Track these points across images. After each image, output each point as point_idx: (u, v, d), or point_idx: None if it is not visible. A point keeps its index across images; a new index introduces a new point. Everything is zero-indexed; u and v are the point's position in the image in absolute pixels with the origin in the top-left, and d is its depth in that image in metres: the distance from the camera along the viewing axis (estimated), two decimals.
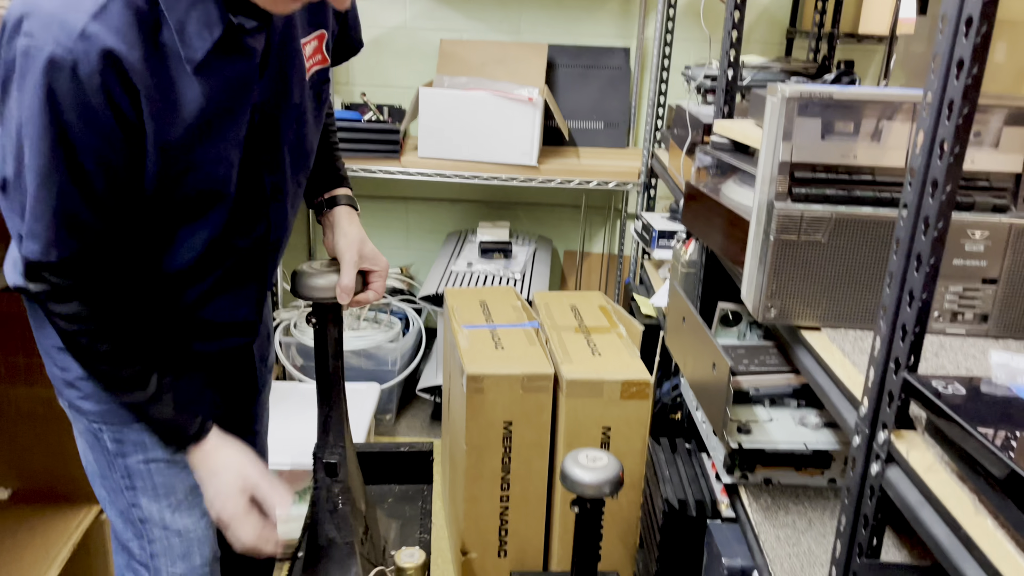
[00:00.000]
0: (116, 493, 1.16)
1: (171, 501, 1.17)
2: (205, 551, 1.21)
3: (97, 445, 1.14)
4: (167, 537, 1.18)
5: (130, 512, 1.16)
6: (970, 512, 0.75)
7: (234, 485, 1.11)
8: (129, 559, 1.20)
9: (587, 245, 3.21)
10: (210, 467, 1.12)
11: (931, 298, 0.82)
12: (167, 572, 1.19)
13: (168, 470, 1.16)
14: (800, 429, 1.40)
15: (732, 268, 1.49)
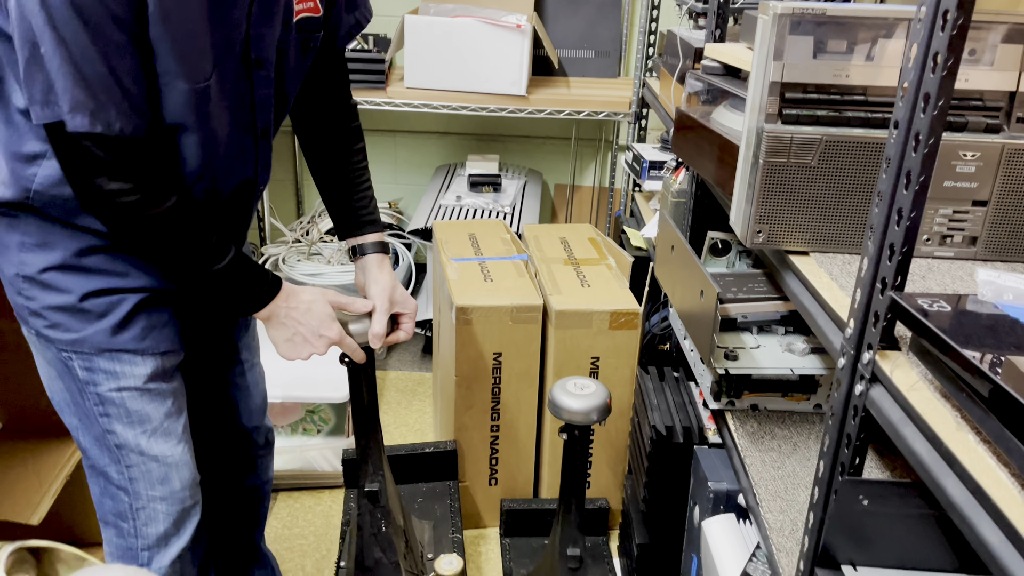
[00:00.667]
0: (90, 420, 1.15)
1: (146, 428, 1.17)
2: (184, 475, 1.21)
3: (67, 374, 1.13)
4: (144, 462, 1.18)
5: (105, 439, 1.16)
6: (951, 428, 0.75)
7: (328, 313, 1.19)
8: (107, 484, 1.19)
9: (577, 178, 3.17)
10: (301, 304, 1.17)
11: (920, 216, 0.81)
12: (147, 496, 1.19)
13: (141, 398, 1.15)
14: (787, 355, 1.40)
15: (722, 196, 1.47)
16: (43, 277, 1.07)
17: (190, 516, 1.25)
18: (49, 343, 1.12)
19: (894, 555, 0.93)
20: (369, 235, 1.38)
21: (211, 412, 1.41)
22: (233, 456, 1.46)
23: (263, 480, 1.52)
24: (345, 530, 1.75)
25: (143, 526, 1.21)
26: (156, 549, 1.23)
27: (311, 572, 1.88)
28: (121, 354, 1.12)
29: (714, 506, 1.39)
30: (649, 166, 2.36)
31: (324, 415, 2.17)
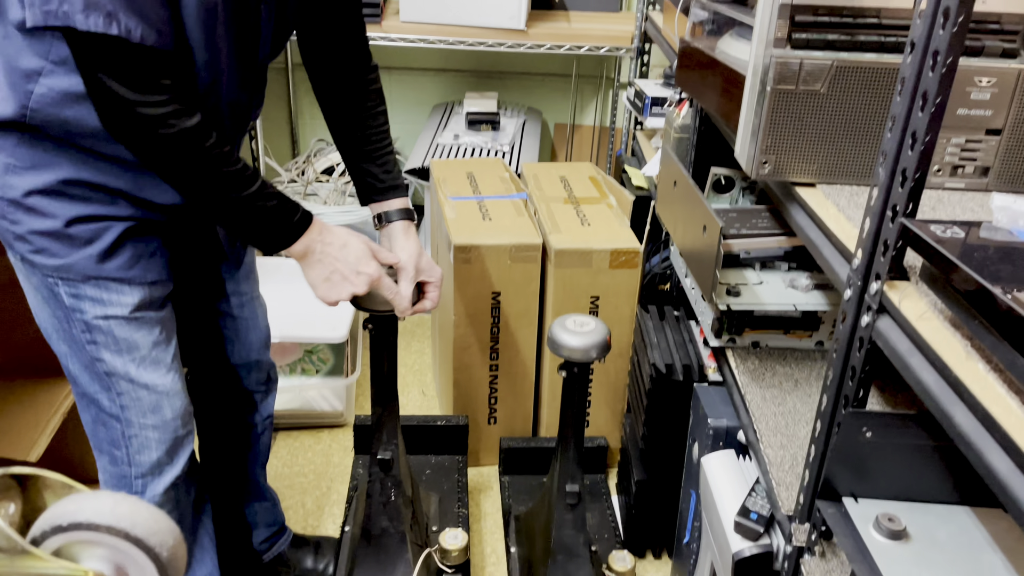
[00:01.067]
0: (78, 347, 1.14)
1: (134, 356, 1.15)
2: (176, 404, 1.21)
3: (53, 300, 1.11)
4: (135, 390, 1.17)
5: (94, 366, 1.15)
6: (961, 357, 0.73)
7: (365, 249, 1.16)
8: (98, 412, 1.19)
9: (578, 117, 3.11)
10: (337, 239, 1.14)
11: (935, 140, 0.78)
12: (139, 424, 1.18)
13: (128, 326, 1.13)
14: (790, 291, 1.38)
15: (727, 130, 1.43)
16: (28, 201, 1.05)
17: (183, 445, 1.25)
18: (34, 268, 1.10)
19: (895, 487, 0.93)
20: (394, 201, 1.36)
21: (206, 345, 1.39)
22: (231, 390, 1.45)
23: (263, 416, 1.51)
24: (352, 495, 1.76)
25: (136, 454, 1.20)
26: (150, 477, 1.22)
27: (311, 509, 1.90)
28: (108, 282, 1.10)
29: (713, 442, 1.39)
30: (652, 103, 2.30)
31: (323, 355, 2.17)
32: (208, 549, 1.39)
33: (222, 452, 1.51)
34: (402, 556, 1.44)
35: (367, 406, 2.25)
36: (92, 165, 1.06)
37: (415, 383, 2.38)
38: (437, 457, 1.92)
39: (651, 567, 1.77)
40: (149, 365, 1.16)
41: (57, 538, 0.56)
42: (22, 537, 0.56)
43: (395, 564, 1.44)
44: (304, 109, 3.14)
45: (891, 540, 0.86)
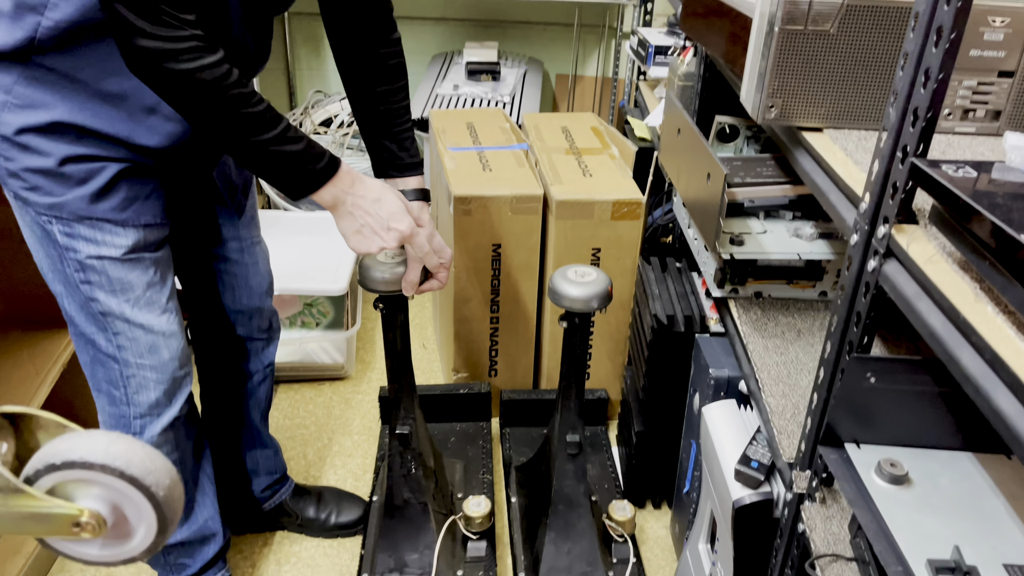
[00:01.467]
0: (72, 287, 1.13)
1: (129, 297, 1.14)
2: (173, 345, 1.20)
3: (47, 239, 1.10)
4: (131, 330, 1.16)
5: (89, 306, 1.14)
6: (970, 300, 0.72)
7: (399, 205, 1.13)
8: (96, 352, 1.18)
9: (580, 68, 3.06)
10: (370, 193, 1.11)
11: (948, 78, 0.76)
12: (136, 364, 1.18)
13: (122, 266, 1.12)
14: (794, 240, 1.36)
15: (731, 76, 1.40)
16: (20, 139, 1.03)
17: (181, 387, 1.25)
18: (28, 206, 1.08)
19: (898, 433, 0.92)
20: (411, 180, 1.34)
21: (205, 290, 1.38)
22: (230, 336, 1.45)
23: (263, 363, 1.51)
24: (379, 465, 1.78)
25: (134, 394, 1.20)
26: (148, 417, 1.23)
27: (313, 460, 1.91)
28: (101, 223, 1.09)
29: (715, 392, 1.38)
30: (655, 51, 2.26)
31: (322, 308, 2.16)
32: (209, 493, 1.40)
33: (221, 398, 1.51)
34: (426, 525, 1.48)
35: (368, 359, 2.26)
36: (89, 109, 1.04)
37: (416, 337, 2.37)
38: (461, 424, 1.94)
39: (651, 517, 1.78)
40: (144, 306, 1.15)
41: (51, 477, 0.56)
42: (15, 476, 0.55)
43: (419, 534, 1.47)
44: (301, 59, 3.08)
45: (893, 485, 0.86)
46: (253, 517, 1.66)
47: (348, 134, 2.76)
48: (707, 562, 1.39)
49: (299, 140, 1.04)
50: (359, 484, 1.84)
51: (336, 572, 1.63)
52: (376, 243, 1.13)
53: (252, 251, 1.39)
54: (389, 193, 1.14)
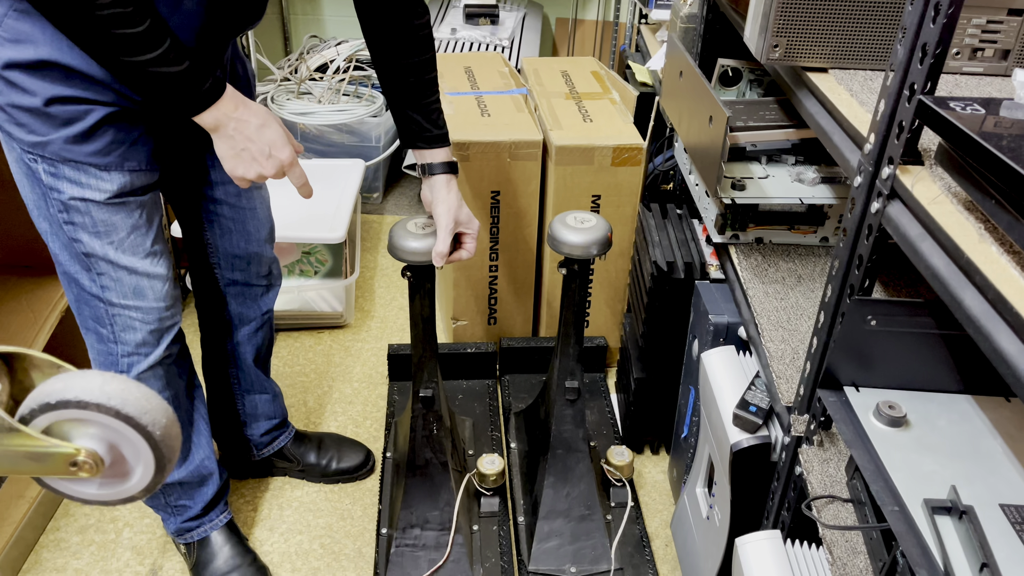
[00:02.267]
0: (56, 226, 1.12)
1: (113, 240, 1.14)
2: (158, 288, 1.20)
3: (32, 176, 1.09)
4: (115, 272, 1.16)
5: (72, 247, 1.14)
6: (974, 240, 0.71)
7: (282, 134, 1.10)
8: (80, 291, 1.19)
9: (580, 11, 3.00)
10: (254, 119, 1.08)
11: (958, 11, 0.73)
12: (120, 304, 1.19)
13: (107, 209, 1.11)
14: (796, 185, 1.35)
15: (735, 16, 1.37)
16: (7, 74, 1.01)
17: (168, 329, 1.25)
18: (13, 141, 1.07)
19: (897, 376, 0.92)
20: (438, 152, 1.33)
21: (200, 233, 1.37)
22: (233, 284, 1.44)
23: (264, 311, 1.50)
24: (390, 421, 1.81)
25: (121, 332, 1.21)
26: (136, 356, 1.23)
27: (313, 407, 1.92)
28: (85, 166, 1.07)
29: (714, 338, 1.38)
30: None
31: (321, 256, 2.15)
32: (204, 433, 1.41)
33: (219, 343, 1.50)
34: (445, 484, 1.52)
35: (367, 308, 2.26)
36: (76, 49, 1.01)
37: None
38: (468, 382, 1.95)
39: (648, 462, 1.80)
40: (128, 248, 1.15)
41: (46, 416, 0.55)
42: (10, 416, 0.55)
43: (439, 491, 1.52)
44: (295, 4, 3.02)
45: (891, 427, 0.86)
46: (254, 462, 1.68)
47: (344, 80, 2.72)
48: (704, 506, 1.41)
49: (181, 62, 1.00)
50: (359, 431, 1.86)
51: (337, 516, 1.65)
52: (255, 169, 1.10)
53: (250, 196, 1.38)
54: (274, 121, 1.11)
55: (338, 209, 2.12)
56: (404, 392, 1.92)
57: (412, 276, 1.39)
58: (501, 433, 1.81)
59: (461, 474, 1.59)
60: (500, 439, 1.79)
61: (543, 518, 1.53)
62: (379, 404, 1.94)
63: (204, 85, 1.03)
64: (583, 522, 1.53)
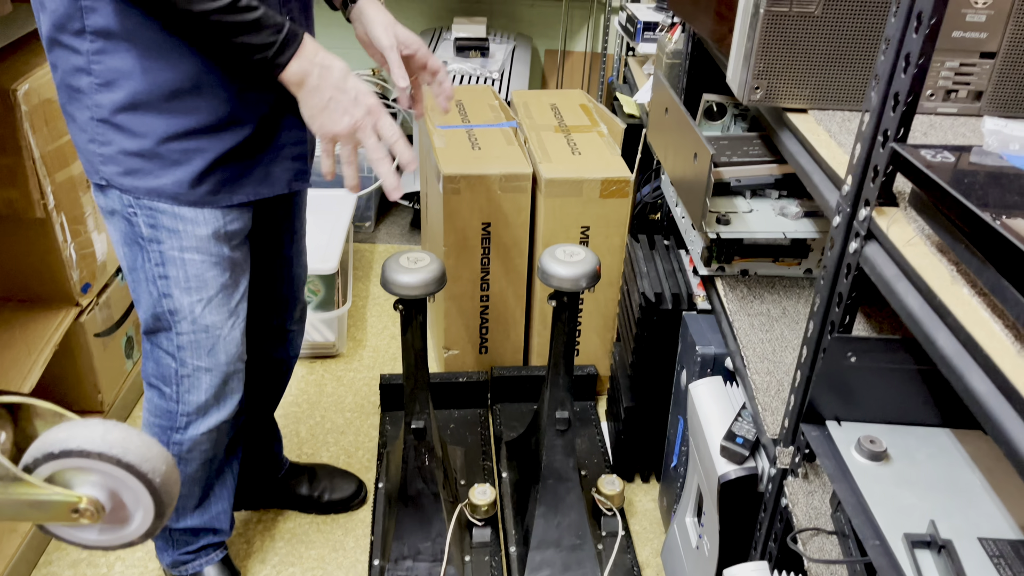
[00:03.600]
0: (150, 282, 1.15)
1: (202, 296, 1.17)
2: (231, 349, 1.23)
3: (131, 232, 1.12)
4: (194, 332, 1.19)
5: (161, 303, 1.16)
6: (947, 282, 0.74)
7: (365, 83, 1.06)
8: (153, 348, 1.23)
9: (569, 43, 3.05)
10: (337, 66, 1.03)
11: (928, 63, 0.77)
12: (192, 365, 1.21)
13: (202, 263, 1.15)
14: (780, 219, 1.38)
15: (719, 54, 1.40)
16: (117, 119, 1.03)
17: (232, 392, 1.27)
18: (119, 196, 1.09)
19: (878, 410, 0.95)
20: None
21: (261, 282, 1.40)
22: (269, 327, 1.47)
23: (291, 354, 1.53)
24: (382, 451, 1.82)
25: (186, 392, 1.23)
26: (195, 416, 1.25)
27: (305, 438, 1.93)
28: (185, 210, 1.10)
29: (701, 369, 1.40)
30: (644, 27, 2.26)
31: (313, 287, 2.17)
32: (228, 487, 1.43)
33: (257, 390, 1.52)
34: (437, 515, 1.53)
35: (359, 337, 2.27)
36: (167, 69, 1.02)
37: None
38: (460, 411, 1.97)
39: (639, 490, 1.81)
40: (215, 307, 1.18)
41: (49, 465, 0.57)
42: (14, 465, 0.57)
43: (431, 522, 1.53)
44: None
45: (872, 461, 0.88)
46: (248, 494, 1.68)
47: None
48: (694, 535, 1.42)
49: (256, 9, 0.97)
50: (351, 461, 1.86)
51: (330, 547, 1.65)
52: (346, 121, 1.04)
53: (301, 242, 1.44)
54: (354, 74, 1.07)
55: (331, 239, 2.14)
56: (396, 422, 1.93)
57: (404, 309, 1.42)
58: (493, 462, 1.82)
59: (453, 504, 1.60)
60: (492, 468, 1.81)
61: (535, 548, 1.54)
62: (371, 434, 1.95)
63: (282, 31, 1.00)
64: (574, 552, 1.54)
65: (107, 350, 1.78)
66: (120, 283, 1.84)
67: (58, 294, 1.64)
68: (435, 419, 1.56)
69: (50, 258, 1.59)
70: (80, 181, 1.63)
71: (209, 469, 1.35)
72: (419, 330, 1.44)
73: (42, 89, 1.49)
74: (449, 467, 1.69)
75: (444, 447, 1.70)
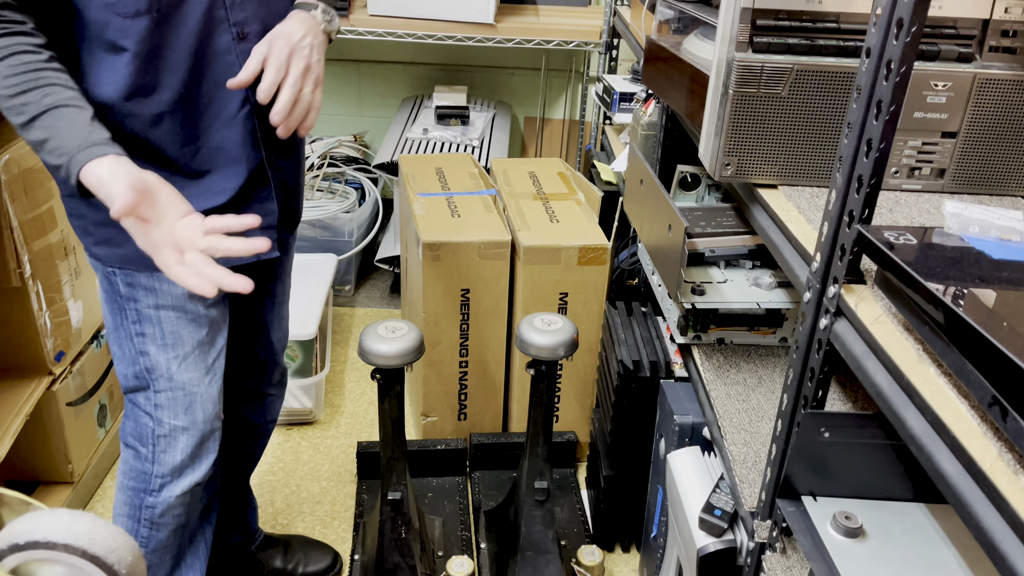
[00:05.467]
0: (127, 340, 1.17)
1: (178, 353, 1.18)
2: (208, 407, 1.23)
3: (111, 291, 1.15)
4: (171, 389, 1.19)
5: (138, 361, 1.18)
6: (913, 361, 0.75)
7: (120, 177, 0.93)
8: (132, 407, 1.23)
9: (548, 111, 3.12)
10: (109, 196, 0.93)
11: (889, 148, 0.80)
12: (169, 424, 1.21)
13: (177, 320, 1.16)
14: (754, 289, 1.40)
15: (691, 128, 1.44)
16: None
17: (208, 452, 1.26)
18: (99, 262, 1.14)
19: (853, 485, 0.95)
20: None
21: (238, 343, 1.39)
22: (247, 389, 1.46)
23: (269, 419, 1.52)
24: (358, 522, 1.80)
25: (162, 453, 1.22)
26: (170, 478, 1.24)
27: (280, 507, 1.89)
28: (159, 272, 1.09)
29: (680, 439, 1.40)
30: (620, 98, 2.31)
31: (292, 352, 2.15)
32: (201, 556, 1.39)
33: (233, 454, 1.50)
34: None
35: (336, 403, 2.25)
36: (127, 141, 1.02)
37: None
38: (438, 479, 1.94)
39: (619, 561, 1.79)
40: (191, 364, 1.18)
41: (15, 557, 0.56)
42: None
43: None
44: None
45: (847, 538, 0.88)
46: (221, 566, 1.64)
47: (318, 176, 2.78)
48: None
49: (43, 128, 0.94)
50: (327, 532, 1.83)
51: None
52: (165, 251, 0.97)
53: (283, 307, 1.44)
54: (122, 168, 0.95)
55: (310, 304, 2.14)
56: (373, 491, 1.90)
57: (382, 378, 1.41)
58: (471, 533, 1.80)
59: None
60: (470, 539, 1.78)
61: None
62: (347, 504, 1.92)
63: (68, 161, 0.94)
64: None
65: (79, 419, 1.76)
66: (95, 351, 1.82)
67: (31, 363, 1.62)
68: (412, 489, 1.54)
69: (24, 327, 1.58)
70: (57, 249, 1.63)
71: (181, 536, 1.32)
72: (397, 399, 1.44)
73: (22, 159, 1.50)
74: (426, 538, 1.67)
75: (422, 517, 1.68)
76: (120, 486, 1.29)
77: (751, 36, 1.08)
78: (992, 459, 0.63)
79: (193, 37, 1.04)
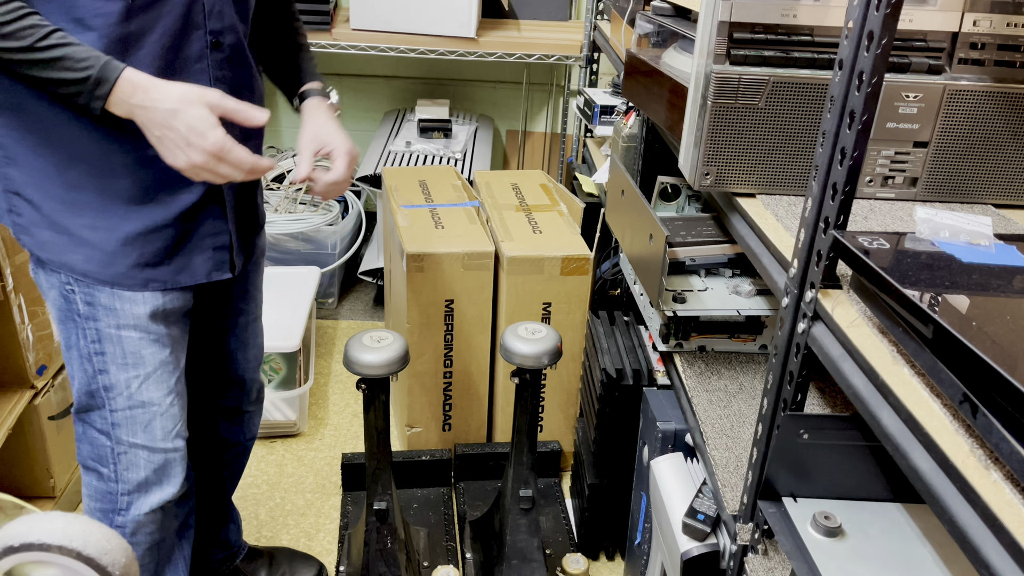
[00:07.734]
0: (86, 359, 1.13)
1: (139, 373, 1.15)
2: (168, 426, 1.20)
3: (68, 309, 1.11)
4: (130, 408, 1.17)
5: (96, 380, 1.14)
6: (888, 362, 0.77)
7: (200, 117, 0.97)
8: (87, 428, 1.20)
9: (529, 124, 3.15)
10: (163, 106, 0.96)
11: (862, 156, 0.82)
12: (128, 442, 1.19)
13: (139, 340, 1.13)
14: (734, 297, 1.42)
15: (671, 140, 1.47)
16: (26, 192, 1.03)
17: (173, 469, 1.23)
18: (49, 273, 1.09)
19: (831, 486, 0.97)
20: (310, 83, 1.28)
21: (212, 363, 1.38)
22: (223, 408, 1.45)
23: (248, 436, 1.51)
24: (343, 533, 1.80)
25: (124, 471, 1.20)
26: (136, 495, 1.22)
27: (265, 520, 1.89)
28: (121, 290, 1.09)
29: (662, 445, 1.42)
30: (600, 111, 2.34)
31: (275, 365, 2.15)
32: (181, 572, 1.38)
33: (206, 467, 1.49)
34: None
35: (320, 415, 2.25)
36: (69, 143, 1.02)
37: None
38: (423, 490, 1.95)
39: (604, 568, 1.80)
40: (152, 384, 1.16)
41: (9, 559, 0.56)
42: None
43: None
44: None
45: (827, 537, 0.90)
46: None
47: (301, 189, 2.79)
48: None
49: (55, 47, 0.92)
50: (312, 543, 1.83)
51: None
52: (182, 159, 0.99)
53: (254, 326, 1.42)
54: (189, 106, 0.98)
55: (293, 317, 2.14)
56: (358, 502, 1.90)
57: (367, 388, 1.42)
58: (456, 543, 1.80)
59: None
60: (456, 549, 1.78)
61: None
62: (332, 515, 1.91)
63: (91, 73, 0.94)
64: None
65: (61, 433, 1.75)
66: None
67: (13, 376, 1.62)
68: (397, 499, 1.55)
69: (6, 340, 1.57)
70: None
71: (157, 555, 1.31)
72: (382, 409, 1.44)
73: None
74: (412, 549, 1.67)
75: (407, 528, 1.68)
76: (87, 509, 1.26)
77: (728, 49, 1.11)
78: (964, 455, 0.65)
79: (167, 36, 1.02)
